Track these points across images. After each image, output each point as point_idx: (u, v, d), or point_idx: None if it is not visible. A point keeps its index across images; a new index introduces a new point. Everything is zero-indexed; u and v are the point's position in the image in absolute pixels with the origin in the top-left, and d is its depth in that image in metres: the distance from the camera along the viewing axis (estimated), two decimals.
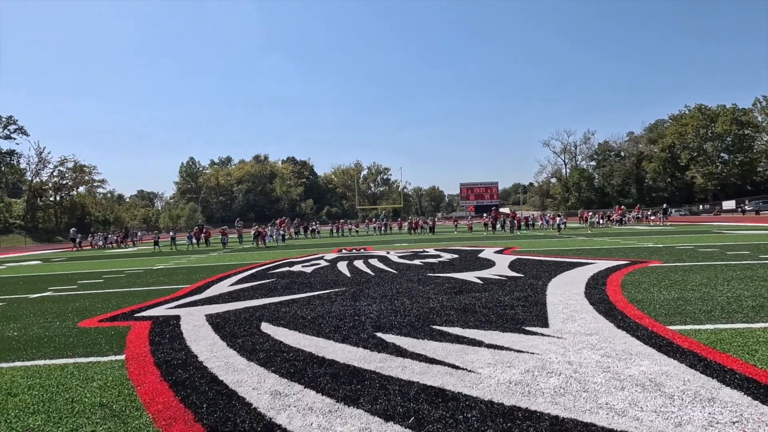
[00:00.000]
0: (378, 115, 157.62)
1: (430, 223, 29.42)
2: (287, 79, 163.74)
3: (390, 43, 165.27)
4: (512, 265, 9.70)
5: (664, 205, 25.70)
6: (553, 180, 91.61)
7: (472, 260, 11.12)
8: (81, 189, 75.28)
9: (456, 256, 12.44)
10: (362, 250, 16.27)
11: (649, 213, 27.14)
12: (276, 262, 12.95)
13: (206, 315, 5.76)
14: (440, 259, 11.59)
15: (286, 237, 22.46)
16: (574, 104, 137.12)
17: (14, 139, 59.55)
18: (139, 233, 21.23)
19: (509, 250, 13.82)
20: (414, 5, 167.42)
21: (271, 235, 18.97)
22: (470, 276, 8.28)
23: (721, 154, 65.63)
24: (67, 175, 62.69)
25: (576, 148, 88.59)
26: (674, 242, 14.39)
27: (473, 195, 76.25)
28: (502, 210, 77.77)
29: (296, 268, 11.06)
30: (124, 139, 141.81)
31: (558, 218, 22.23)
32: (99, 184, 79.87)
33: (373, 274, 9.28)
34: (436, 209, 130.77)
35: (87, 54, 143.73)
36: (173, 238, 21.87)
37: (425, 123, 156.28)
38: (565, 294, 6.15)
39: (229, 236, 22.31)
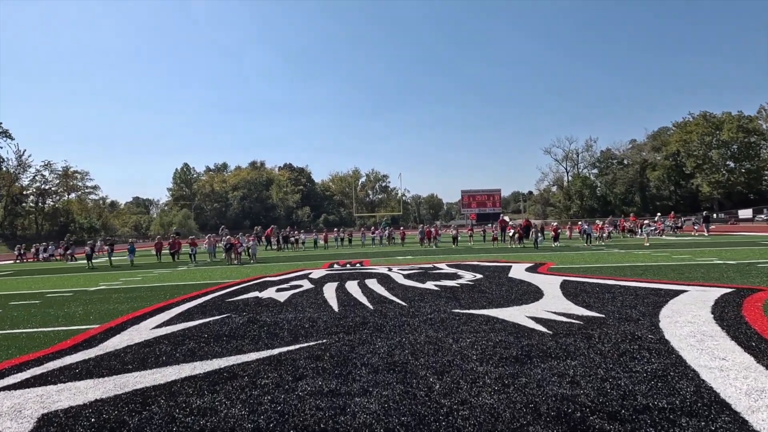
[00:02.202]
0: (376, 122, 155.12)
1: (454, 232, 22.42)
2: (287, 85, 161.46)
3: (388, 49, 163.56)
4: (567, 293, 6.88)
5: (705, 213, 22.90)
6: (554, 188, 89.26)
7: (505, 283, 8.29)
8: (72, 195, 72.25)
9: (479, 276, 9.60)
10: (358, 265, 13.43)
11: (692, 221, 24.27)
12: (247, 282, 10.09)
13: (41, 418, 2.91)
14: (460, 281, 8.75)
15: (253, 248, 17.20)
16: (575, 111, 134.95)
17: None
18: (98, 243, 18.12)
19: (543, 266, 11.00)
20: (413, 11, 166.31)
21: (246, 247, 15.85)
22: (518, 314, 5.45)
23: (727, 162, 63.89)
24: (50, 179, 59.65)
25: (578, 156, 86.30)
26: (741, 257, 11.61)
27: (475, 202, 73.54)
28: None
29: (267, 293, 8.20)
30: (122, 146, 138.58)
31: (586, 225, 19.22)
32: (91, 190, 76.79)
33: (371, 307, 6.43)
34: (435, 217, 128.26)
35: (87, 60, 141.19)
36: (110, 252, 17.80)
37: (424, 130, 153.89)
38: (732, 366, 3.32)
39: (216, 246, 19.27)
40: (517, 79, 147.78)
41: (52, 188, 61.45)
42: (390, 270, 11.39)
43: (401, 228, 29.01)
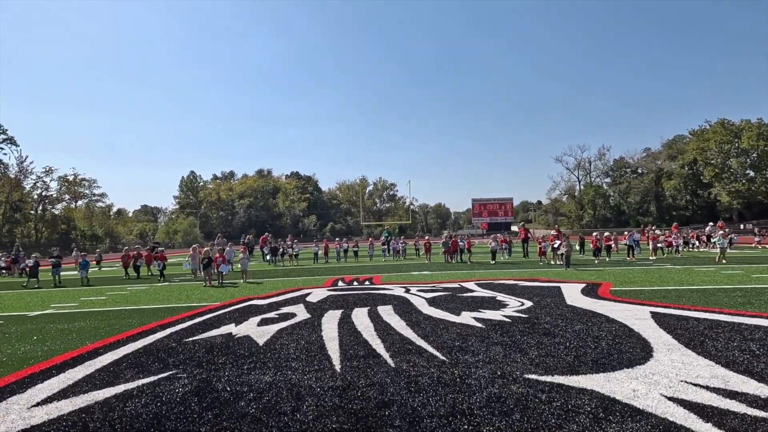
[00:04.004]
0: (384, 130, 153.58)
1: (493, 244, 16.51)
2: (295, 93, 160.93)
3: (396, 58, 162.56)
4: (683, 339, 4.60)
5: None
6: (564, 198, 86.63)
7: (572, 317, 6.00)
8: (80, 203, 71.25)
9: (528, 302, 7.31)
10: (367, 282, 11.22)
11: (756, 232, 21.58)
12: (228, 306, 7.92)
13: None
14: (507, 312, 6.48)
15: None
16: (587, 119, 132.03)
17: (2, 149, 55.70)
18: (77, 254, 16.00)
19: (602, 288, 8.68)
20: (423, 19, 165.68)
21: (230, 262, 13.48)
22: (648, 391, 3.20)
23: (747, 171, 61.20)
24: (52, 186, 58.52)
25: (590, 165, 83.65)
26: None
27: (486, 211, 71.13)
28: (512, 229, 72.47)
29: (246, 327, 6.01)
30: (131, 154, 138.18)
31: (636, 235, 16.41)
32: (98, 197, 75.74)
33: (391, 362, 4.19)
34: (443, 227, 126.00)
35: (94, 68, 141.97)
36: (32, 268, 13.50)
37: (431, 140, 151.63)
38: None
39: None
40: (526, 86, 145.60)
41: (54, 195, 60.37)
42: (408, 291, 9.13)
43: (426, 237, 22.56)
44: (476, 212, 72.28)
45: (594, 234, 15.92)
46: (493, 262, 15.96)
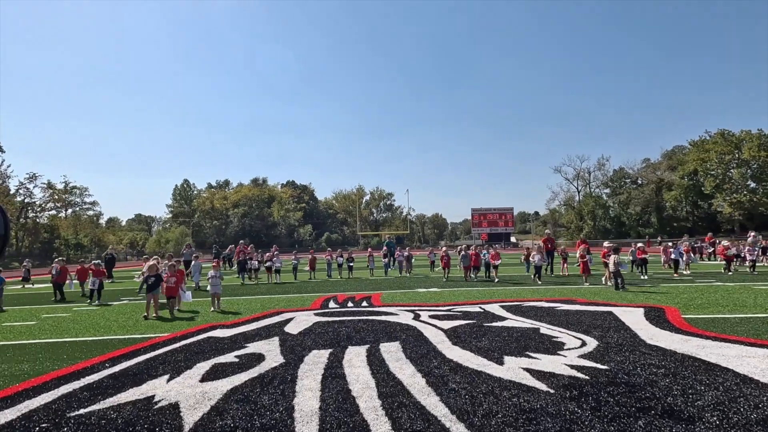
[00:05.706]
0: (381, 139, 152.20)
1: (537, 257, 12.80)
2: (293, 101, 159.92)
3: (394, 67, 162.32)
4: None
5: None
6: (563, 208, 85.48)
7: (680, 371, 3.99)
8: (69, 211, 68.85)
9: (591, 341, 5.24)
10: (364, 303, 9.15)
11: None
12: (177, 339, 5.81)
13: None
14: (571, 360, 4.44)
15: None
16: (586, 129, 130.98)
17: None
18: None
19: (671, 315, 6.65)
20: (422, 29, 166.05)
21: (196, 282, 10.90)
22: None
23: (748, 182, 60.28)
24: (36, 193, 56.19)
25: (590, 175, 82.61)
26: None
27: (486, 221, 69.36)
28: (511, 241, 70.73)
29: (179, 385, 3.91)
30: (127, 163, 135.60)
31: (683, 249, 13.89)
32: (89, 206, 73.36)
33: None
34: (440, 237, 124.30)
35: (91, 75, 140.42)
36: None
37: (428, 150, 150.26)
38: None
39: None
40: (524, 96, 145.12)
41: (38, 202, 57.97)
42: (418, 318, 7.05)
43: (443, 249, 17.16)
44: (475, 222, 70.42)
45: (638, 244, 13.74)
46: (538, 281, 12.50)
